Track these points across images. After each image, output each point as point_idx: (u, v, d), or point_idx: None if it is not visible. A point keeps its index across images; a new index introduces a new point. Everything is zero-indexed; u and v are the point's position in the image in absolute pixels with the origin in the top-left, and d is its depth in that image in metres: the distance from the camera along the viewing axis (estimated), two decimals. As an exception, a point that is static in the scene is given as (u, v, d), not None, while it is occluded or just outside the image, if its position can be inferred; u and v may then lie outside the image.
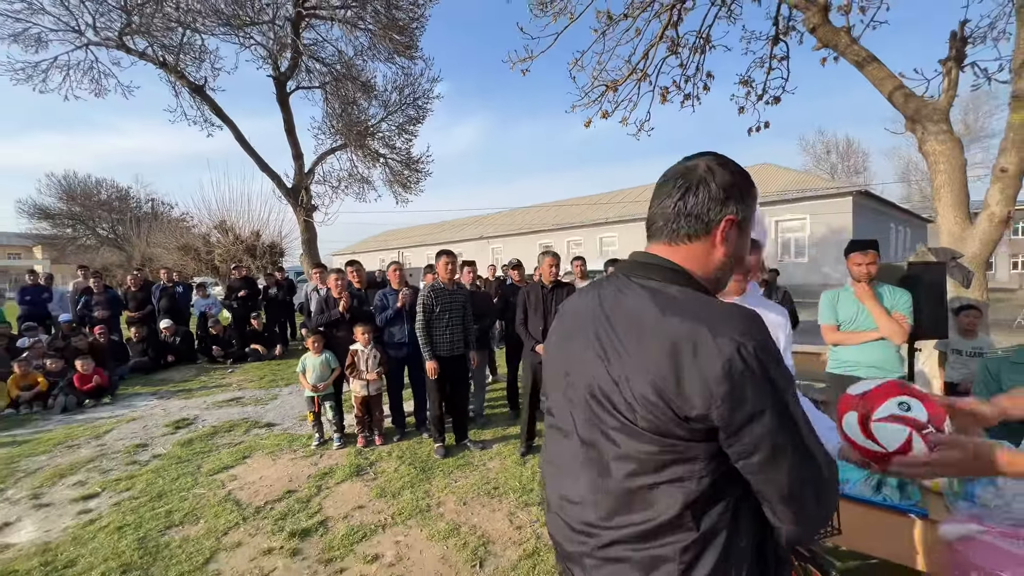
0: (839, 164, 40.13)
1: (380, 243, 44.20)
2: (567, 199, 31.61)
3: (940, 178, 4.51)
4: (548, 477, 1.07)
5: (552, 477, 1.05)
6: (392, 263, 4.72)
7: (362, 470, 3.88)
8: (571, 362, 0.99)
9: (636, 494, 0.85)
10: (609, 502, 0.89)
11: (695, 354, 0.77)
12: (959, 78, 4.68)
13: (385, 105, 13.54)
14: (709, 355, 0.76)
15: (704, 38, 6.43)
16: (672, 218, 0.93)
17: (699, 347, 0.77)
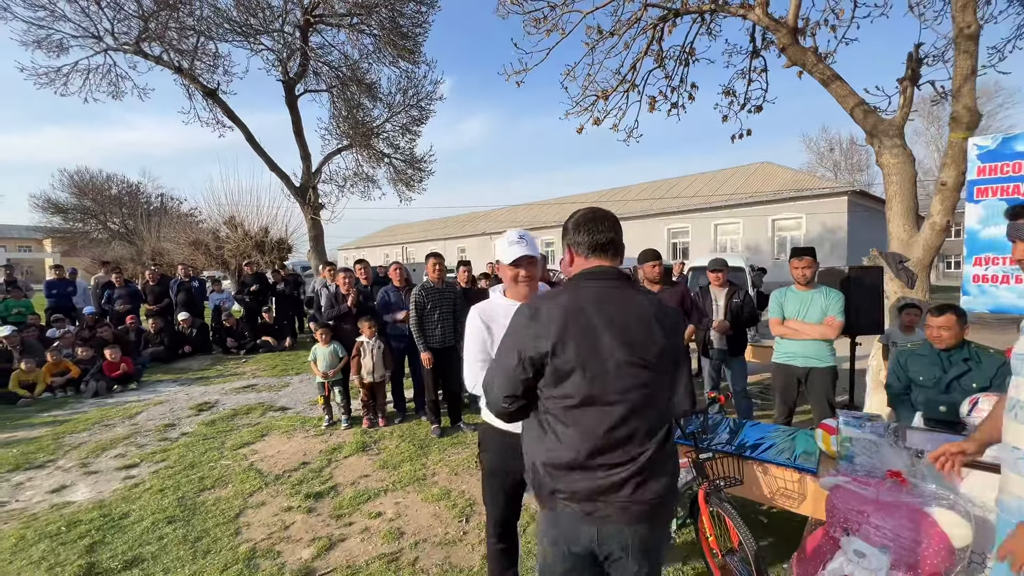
0: (842, 161, 40.15)
1: (384, 238, 44.77)
2: (568, 196, 32.02)
3: (892, 188, 4.95)
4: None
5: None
6: (394, 263, 5.21)
7: (367, 447, 4.39)
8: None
9: None
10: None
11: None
12: (914, 96, 5.10)
13: (389, 106, 14.00)
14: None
15: (688, 52, 6.85)
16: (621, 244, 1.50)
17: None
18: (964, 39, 4.23)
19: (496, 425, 1.97)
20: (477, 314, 1.96)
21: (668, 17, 6.10)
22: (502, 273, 1.95)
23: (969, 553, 1.88)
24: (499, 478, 2.02)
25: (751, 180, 22.53)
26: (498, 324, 1.88)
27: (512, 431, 1.93)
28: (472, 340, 1.94)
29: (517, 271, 1.89)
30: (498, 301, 1.99)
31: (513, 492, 2.05)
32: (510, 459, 1.92)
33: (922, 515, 1.90)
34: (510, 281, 1.92)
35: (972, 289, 4.26)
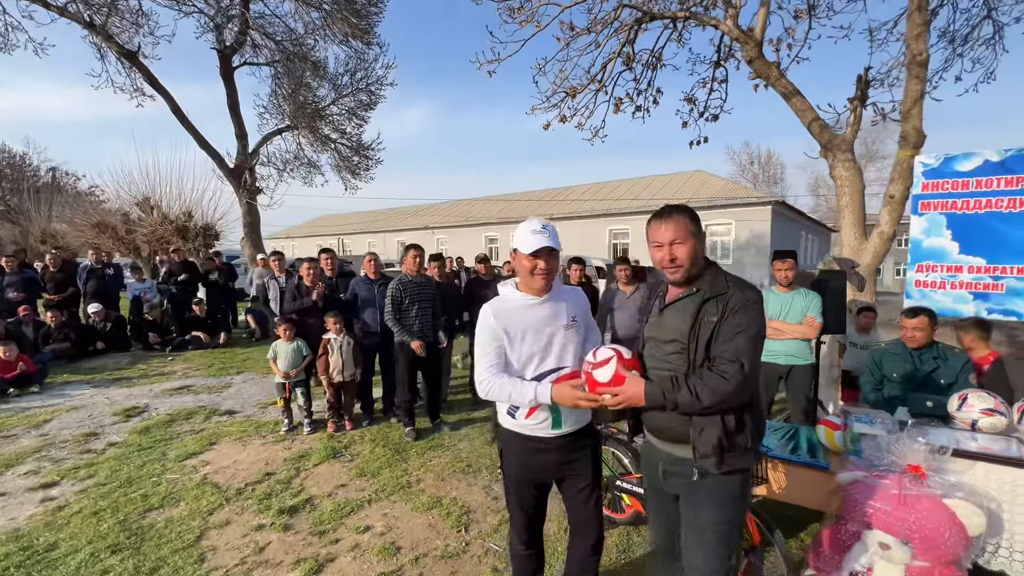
0: (760, 174, 43.68)
1: (316, 228, 42.40)
2: (514, 193, 32.12)
3: (844, 199, 5.36)
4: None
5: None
6: (368, 254, 4.84)
7: (338, 453, 4.03)
8: None
9: None
10: None
11: None
12: (863, 115, 5.55)
13: (336, 88, 13.17)
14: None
15: (656, 56, 7.01)
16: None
17: None
18: (916, 65, 4.65)
19: (516, 430, 1.87)
20: (491, 313, 1.82)
21: (643, 20, 6.18)
22: (518, 263, 1.82)
23: (982, 540, 2.03)
24: (524, 484, 1.93)
25: (686, 186, 23.81)
26: (515, 324, 1.80)
27: (534, 434, 1.85)
28: (486, 342, 1.82)
29: (536, 262, 1.77)
30: (513, 296, 1.87)
31: (539, 497, 1.96)
32: (534, 462, 1.88)
33: (942, 507, 2.01)
34: (526, 273, 1.80)
35: (915, 293, 4.70)
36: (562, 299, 1.90)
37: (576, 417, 1.87)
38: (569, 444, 1.88)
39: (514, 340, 1.80)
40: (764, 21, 5.66)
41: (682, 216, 1.62)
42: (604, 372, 1.66)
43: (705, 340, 1.57)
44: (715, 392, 1.50)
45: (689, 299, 1.64)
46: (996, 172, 4.32)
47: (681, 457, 1.66)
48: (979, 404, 2.43)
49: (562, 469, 1.90)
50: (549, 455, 1.86)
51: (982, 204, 4.36)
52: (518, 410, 1.85)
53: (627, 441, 3.01)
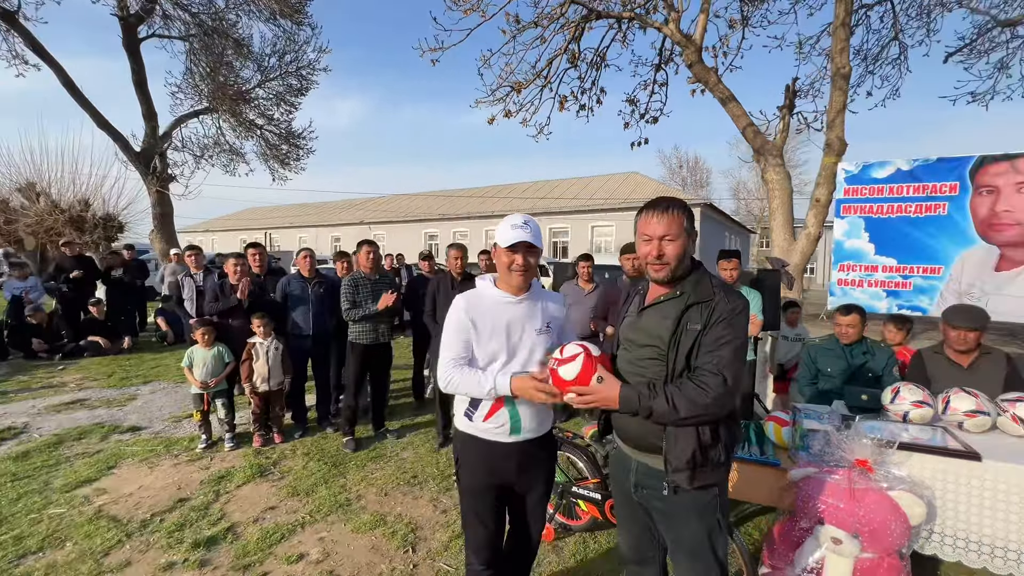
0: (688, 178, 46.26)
1: (240, 221, 39.45)
2: (454, 189, 31.65)
3: (775, 202, 5.65)
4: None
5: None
6: (302, 249, 4.42)
7: (265, 470, 3.63)
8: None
9: None
10: None
11: None
12: (791, 123, 5.89)
13: (262, 70, 12.17)
14: None
15: (601, 56, 7.05)
16: None
17: None
18: (839, 78, 4.97)
19: (476, 435, 1.76)
20: (463, 306, 1.74)
21: (590, 17, 6.17)
22: (497, 257, 1.76)
23: (922, 528, 2.12)
24: (483, 494, 1.80)
25: (622, 187, 24.65)
26: (485, 319, 1.72)
27: (496, 440, 1.75)
28: (453, 334, 1.74)
29: (513, 257, 1.70)
30: (488, 292, 1.78)
31: (499, 506, 1.84)
32: (495, 469, 1.77)
33: (888, 499, 2.08)
34: (504, 268, 1.74)
35: (837, 291, 5.03)
36: (540, 302, 1.81)
37: (536, 424, 1.78)
38: (528, 451, 1.79)
39: (481, 336, 1.72)
40: (703, 27, 5.83)
41: (677, 211, 1.51)
42: (570, 369, 1.54)
43: (686, 349, 1.46)
44: (694, 404, 1.41)
45: (671, 302, 1.53)
46: (906, 180, 4.72)
47: (653, 468, 1.56)
48: (910, 396, 2.57)
49: (518, 476, 1.80)
50: (508, 461, 1.77)
51: (894, 209, 4.74)
52: (475, 412, 1.75)
53: (583, 446, 2.92)
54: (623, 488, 1.71)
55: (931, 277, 4.64)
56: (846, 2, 4.80)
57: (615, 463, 1.78)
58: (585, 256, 4.61)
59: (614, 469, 1.79)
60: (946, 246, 4.59)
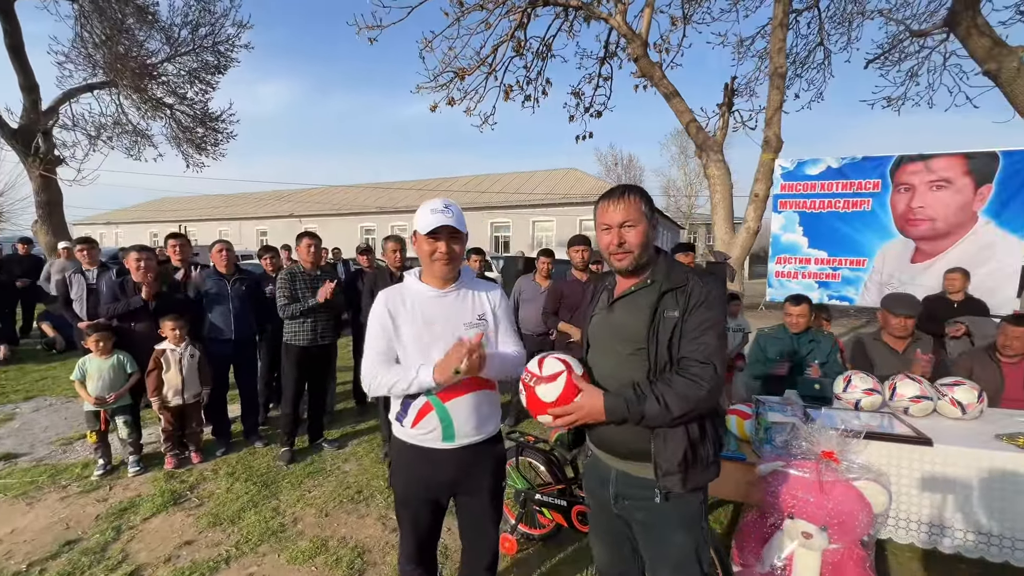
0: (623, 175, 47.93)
1: (149, 212, 35.76)
2: (392, 182, 30.53)
3: (716, 197, 5.81)
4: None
5: None
6: (218, 242, 3.88)
7: (180, 497, 3.13)
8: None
9: None
10: None
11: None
12: (730, 120, 6.07)
13: (172, 42, 10.89)
14: None
15: (547, 45, 6.91)
16: None
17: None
18: (777, 77, 5.15)
19: (412, 442, 1.60)
20: (383, 300, 1.61)
21: (537, 3, 6.00)
22: (419, 247, 1.60)
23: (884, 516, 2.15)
24: (416, 503, 1.66)
25: (563, 182, 24.97)
26: (406, 315, 1.58)
27: (430, 446, 1.59)
28: (375, 332, 1.59)
29: (435, 245, 1.55)
30: (412, 286, 1.65)
31: (433, 516, 1.70)
32: (426, 478, 1.62)
33: (854, 489, 2.08)
34: (426, 258, 1.58)
35: (774, 283, 5.25)
36: (471, 293, 1.67)
37: (473, 427, 1.59)
38: (467, 459, 1.62)
39: (401, 332, 1.57)
40: (648, 22, 5.86)
41: (634, 196, 1.41)
42: (550, 389, 1.38)
43: (666, 339, 1.35)
44: (687, 399, 1.29)
45: (643, 292, 1.42)
46: (835, 177, 5.00)
47: (638, 476, 1.43)
48: (861, 385, 2.64)
49: (458, 485, 1.65)
50: (443, 469, 1.60)
51: (825, 204, 5.01)
52: (405, 417, 1.59)
53: (546, 450, 2.74)
54: (600, 500, 1.58)
55: (857, 269, 4.96)
56: (784, 3, 5.01)
57: (591, 473, 1.63)
58: (546, 251, 4.45)
59: (589, 480, 1.64)
60: (870, 239, 4.93)
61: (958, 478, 2.18)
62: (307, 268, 3.70)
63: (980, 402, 2.49)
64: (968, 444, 2.21)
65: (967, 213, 4.56)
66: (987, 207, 4.49)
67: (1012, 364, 2.91)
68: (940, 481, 2.21)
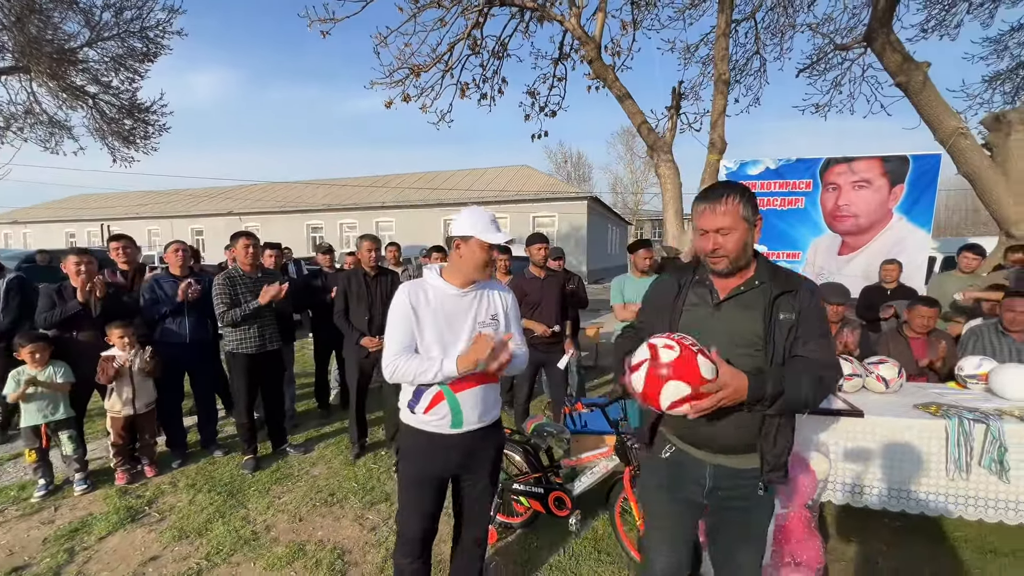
0: (573, 172, 48.88)
1: (65, 212, 32.61)
2: (340, 178, 29.55)
3: (667, 195, 6.13)
4: None
5: None
6: (173, 243, 3.68)
7: (138, 513, 2.98)
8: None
9: None
10: None
11: None
12: (678, 122, 6.41)
13: (93, 26, 10.00)
14: None
15: (503, 45, 6.98)
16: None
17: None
18: (720, 83, 5.51)
19: (419, 427, 1.77)
20: (407, 294, 1.74)
21: (493, 2, 6.05)
22: (469, 249, 1.72)
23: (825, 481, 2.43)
24: (426, 486, 1.81)
25: (515, 179, 25.13)
26: (427, 310, 1.73)
27: (439, 432, 1.75)
28: (398, 323, 1.73)
29: (492, 255, 1.74)
30: (433, 283, 1.78)
31: (437, 498, 1.85)
32: (437, 461, 1.79)
33: (802, 459, 2.34)
34: (476, 262, 1.72)
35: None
36: (486, 293, 1.83)
37: (478, 415, 1.78)
38: (471, 444, 1.80)
39: (423, 326, 1.72)
40: (602, 26, 6.07)
41: (734, 199, 1.37)
42: (704, 366, 1.26)
43: (783, 340, 1.38)
44: (825, 392, 1.38)
45: (753, 293, 1.43)
46: (773, 177, 5.42)
47: (740, 469, 1.47)
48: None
49: (462, 467, 1.84)
50: (450, 453, 1.78)
51: (764, 202, 5.42)
52: (417, 404, 1.76)
53: (522, 441, 2.85)
54: (682, 497, 1.57)
55: (793, 261, 5.40)
56: (726, 14, 5.36)
57: (676, 472, 1.57)
58: (503, 248, 4.53)
59: (674, 478, 1.57)
60: (803, 234, 5.39)
61: (883, 444, 2.49)
62: (247, 271, 3.54)
63: (900, 377, 2.84)
64: (891, 414, 2.52)
65: (884, 210, 5.10)
66: (900, 204, 5.04)
67: (916, 339, 3.33)
68: (869, 447, 2.51)
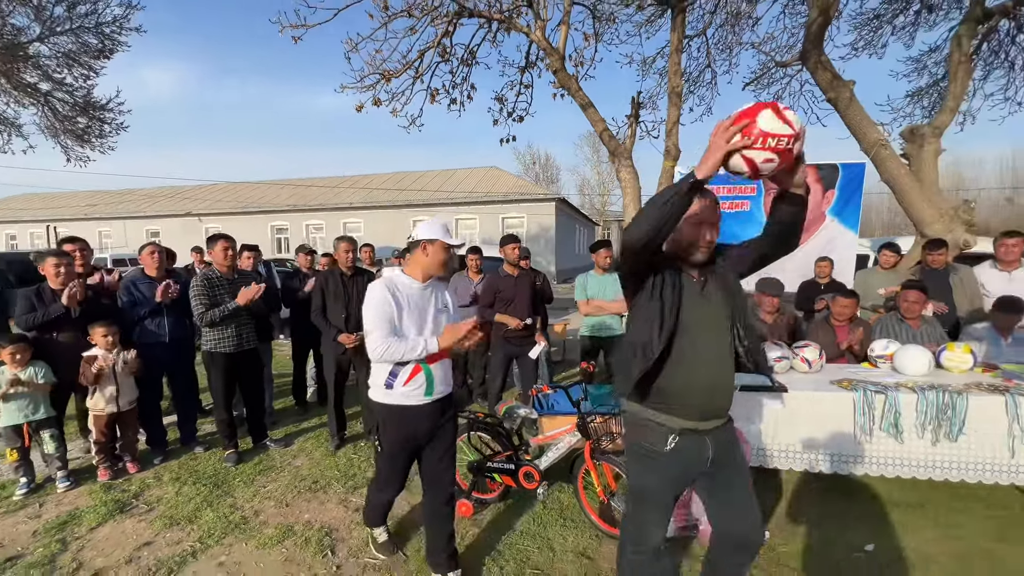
0: (541, 173, 49.49)
1: (6, 211, 30.67)
2: (305, 178, 29.01)
3: (627, 198, 6.54)
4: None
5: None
6: (148, 244, 3.77)
7: (126, 505, 3.09)
8: None
9: None
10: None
11: None
12: (637, 130, 6.84)
13: (44, 21, 9.65)
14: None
15: (471, 53, 7.25)
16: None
17: None
18: (674, 96, 5.95)
19: (395, 402, 2.15)
20: (385, 288, 2.10)
21: (462, 14, 6.31)
22: (435, 249, 2.14)
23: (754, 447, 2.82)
24: (402, 454, 2.26)
25: (484, 181, 25.35)
26: (401, 299, 2.12)
27: (412, 403, 2.16)
28: (381, 313, 2.08)
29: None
30: (401, 279, 2.19)
31: (408, 467, 2.35)
32: (413, 429, 2.21)
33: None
34: (437, 261, 2.17)
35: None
36: (436, 288, 2.28)
37: (443, 386, 2.24)
38: (437, 411, 2.24)
39: (402, 314, 2.11)
40: (565, 37, 6.42)
41: (712, 198, 1.66)
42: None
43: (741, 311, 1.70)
44: None
45: (721, 274, 1.70)
46: (722, 182, 5.90)
47: (720, 426, 1.70)
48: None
49: (429, 433, 2.24)
50: (422, 420, 2.20)
51: (715, 205, 5.92)
52: (395, 379, 2.13)
53: (494, 424, 3.12)
54: (686, 481, 1.76)
55: (740, 259, 5.91)
56: (679, 33, 5.81)
57: (681, 460, 1.67)
58: (474, 249, 4.80)
59: (680, 464, 1.68)
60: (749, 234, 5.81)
61: (806, 414, 2.90)
62: (224, 272, 3.66)
63: (821, 359, 3.28)
64: (812, 389, 2.94)
65: (818, 212, 5.66)
66: (832, 208, 5.62)
67: (840, 326, 3.81)
68: (794, 418, 2.92)
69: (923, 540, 2.60)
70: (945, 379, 2.96)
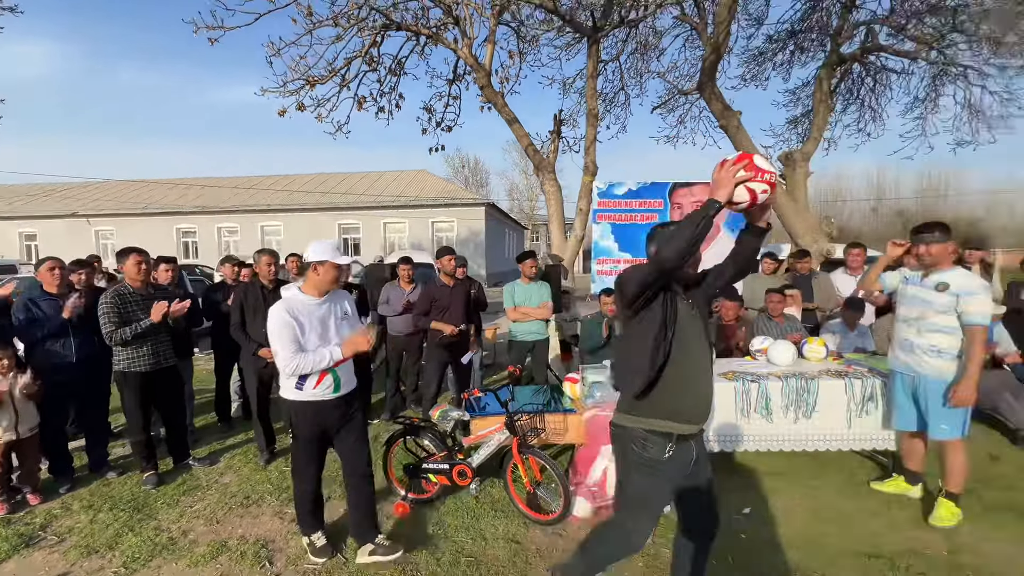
0: (470, 178, 49.70)
1: None
2: (216, 177, 26.93)
3: (551, 209, 6.99)
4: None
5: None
6: (48, 259, 3.51)
7: (32, 538, 2.90)
8: None
9: None
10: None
11: None
12: (559, 145, 7.32)
13: None
14: None
15: (399, 63, 7.34)
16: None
17: None
18: (592, 117, 6.48)
19: (306, 399, 2.43)
20: (285, 310, 2.33)
21: (389, 26, 6.40)
22: (326, 269, 2.39)
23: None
24: (316, 443, 2.55)
25: (412, 184, 25.11)
26: (303, 317, 2.37)
27: (324, 399, 2.45)
28: (286, 334, 2.31)
29: (341, 272, 2.48)
30: (299, 297, 2.42)
31: (323, 450, 2.63)
32: (324, 420, 2.51)
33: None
34: (330, 279, 2.42)
35: (596, 279, 6.60)
36: (334, 299, 2.53)
37: (348, 382, 2.55)
38: (345, 403, 2.55)
39: (304, 330, 2.35)
40: (491, 55, 6.74)
41: None
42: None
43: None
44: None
45: (701, 293, 1.98)
46: (634, 196, 6.51)
47: (701, 430, 1.92)
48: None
49: (340, 421, 2.54)
50: (332, 412, 2.50)
51: (628, 218, 6.50)
52: (306, 381, 2.39)
53: (428, 426, 3.31)
54: (683, 473, 1.86)
55: (651, 266, 6.55)
56: (594, 60, 6.34)
57: (677, 466, 1.82)
58: (405, 259, 4.94)
59: (674, 469, 1.83)
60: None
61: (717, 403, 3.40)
62: (137, 287, 3.50)
63: (712, 354, 3.84)
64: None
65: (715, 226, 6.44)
66: (725, 222, 6.41)
67: (729, 325, 4.45)
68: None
69: (787, 500, 3.18)
70: (805, 368, 3.60)
